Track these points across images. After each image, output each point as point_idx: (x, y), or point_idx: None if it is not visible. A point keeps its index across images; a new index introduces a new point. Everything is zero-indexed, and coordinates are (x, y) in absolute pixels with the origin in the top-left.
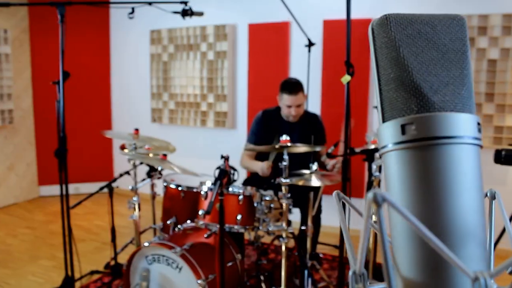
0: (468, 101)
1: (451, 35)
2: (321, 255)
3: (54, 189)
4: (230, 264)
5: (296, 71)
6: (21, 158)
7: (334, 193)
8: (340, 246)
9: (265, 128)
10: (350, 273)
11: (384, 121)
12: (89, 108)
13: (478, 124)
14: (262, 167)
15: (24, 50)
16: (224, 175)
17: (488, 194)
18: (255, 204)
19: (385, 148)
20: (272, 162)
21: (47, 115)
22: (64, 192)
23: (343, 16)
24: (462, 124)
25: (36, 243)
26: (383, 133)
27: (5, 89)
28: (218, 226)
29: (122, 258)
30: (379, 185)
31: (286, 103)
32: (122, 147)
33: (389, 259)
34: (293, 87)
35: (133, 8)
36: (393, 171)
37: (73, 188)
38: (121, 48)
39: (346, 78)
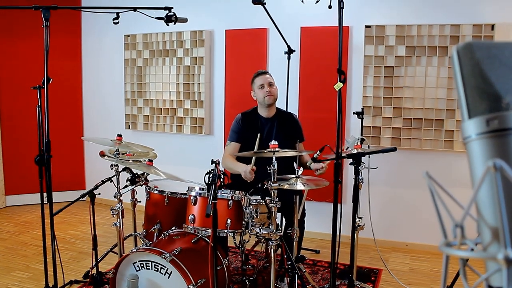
0: None
1: None
2: (307, 258)
3: (22, 199)
4: (218, 268)
5: (273, 78)
6: None
7: (424, 173)
8: (332, 250)
9: (246, 126)
10: (452, 226)
11: (470, 117)
12: (59, 114)
13: None
14: (245, 171)
15: None
16: (218, 179)
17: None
18: (244, 209)
19: (469, 138)
20: (254, 165)
21: (14, 122)
22: (46, 200)
23: (320, 23)
24: None
25: (8, 255)
26: (468, 126)
27: None
28: (208, 230)
29: (101, 267)
30: (361, 188)
31: (259, 84)
32: (102, 154)
33: (504, 214)
34: (261, 71)
35: (118, 14)
36: (478, 154)
37: (45, 196)
38: (94, 53)
39: (338, 85)
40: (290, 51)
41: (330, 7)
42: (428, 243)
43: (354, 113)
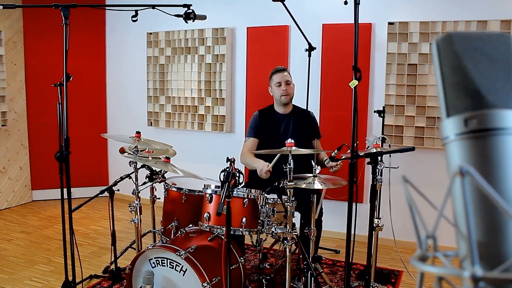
0: None
1: (499, 49)
2: (323, 258)
3: (47, 193)
4: (234, 267)
5: (294, 75)
6: (14, 162)
7: (402, 177)
8: (347, 250)
9: (263, 122)
10: (423, 236)
11: (448, 116)
12: (84, 112)
13: None
14: (261, 169)
15: (18, 51)
16: (232, 177)
17: None
18: (260, 207)
19: (447, 139)
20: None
21: (41, 118)
22: (65, 196)
23: (342, 20)
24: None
25: (32, 248)
26: (447, 126)
27: None
28: (222, 228)
29: (121, 263)
30: (380, 189)
31: (276, 82)
32: (122, 151)
33: (471, 222)
34: (279, 68)
35: (136, 11)
36: (456, 156)
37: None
38: (117, 50)
39: (353, 83)
40: (310, 48)
41: (346, 3)
42: (451, 245)
43: (375, 111)
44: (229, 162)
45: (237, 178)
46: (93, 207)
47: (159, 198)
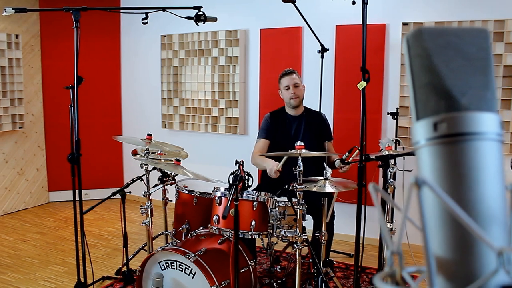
0: (491, 102)
1: (476, 45)
2: (334, 262)
3: (63, 195)
4: (243, 270)
5: (308, 77)
6: (31, 163)
7: (370, 185)
8: (356, 254)
9: (274, 124)
10: (388, 253)
11: (418, 119)
12: (99, 114)
13: (500, 122)
14: (271, 168)
15: (35, 55)
16: (239, 180)
17: (509, 187)
18: (269, 210)
19: (417, 144)
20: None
21: (57, 120)
22: (77, 198)
23: (355, 21)
24: (486, 122)
25: (47, 249)
26: (417, 130)
27: (16, 94)
28: (232, 231)
29: (133, 265)
30: (393, 193)
31: (284, 85)
32: (134, 153)
33: (429, 240)
34: (287, 70)
35: (147, 14)
36: (426, 164)
37: (83, 194)
38: (131, 53)
39: (362, 84)
40: (323, 50)
41: (353, 3)
42: None
43: (388, 113)
44: (237, 165)
45: (245, 181)
46: (108, 209)
47: (171, 200)
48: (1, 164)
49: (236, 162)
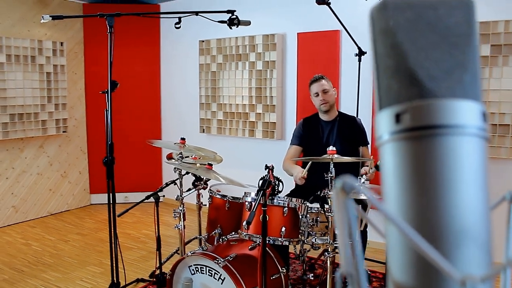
0: (471, 87)
1: (456, 18)
2: (368, 272)
3: (104, 197)
4: (274, 277)
5: (346, 81)
6: (74, 166)
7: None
8: (387, 262)
9: (307, 131)
10: (337, 274)
11: (380, 109)
12: (139, 118)
13: (483, 113)
14: (296, 175)
15: (79, 61)
16: (268, 186)
17: (508, 197)
18: (300, 217)
19: (380, 139)
20: (308, 171)
21: (98, 124)
22: (111, 200)
23: None
24: (462, 112)
25: (86, 250)
26: (379, 122)
27: (60, 99)
28: (261, 237)
29: (167, 268)
30: None
31: (314, 92)
32: (169, 157)
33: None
34: (316, 77)
35: (179, 18)
36: (387, 164)
37: (122, 197)
38: (170, 58)
39: None
40: (360, 53)
41: None
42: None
43: None
44: (267, 170)
45: (275, 186)
46: (146, 212)
47: (205, 205)
48: (46, 167)
49: (266, 167)
